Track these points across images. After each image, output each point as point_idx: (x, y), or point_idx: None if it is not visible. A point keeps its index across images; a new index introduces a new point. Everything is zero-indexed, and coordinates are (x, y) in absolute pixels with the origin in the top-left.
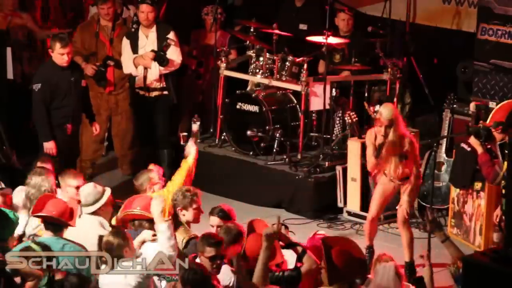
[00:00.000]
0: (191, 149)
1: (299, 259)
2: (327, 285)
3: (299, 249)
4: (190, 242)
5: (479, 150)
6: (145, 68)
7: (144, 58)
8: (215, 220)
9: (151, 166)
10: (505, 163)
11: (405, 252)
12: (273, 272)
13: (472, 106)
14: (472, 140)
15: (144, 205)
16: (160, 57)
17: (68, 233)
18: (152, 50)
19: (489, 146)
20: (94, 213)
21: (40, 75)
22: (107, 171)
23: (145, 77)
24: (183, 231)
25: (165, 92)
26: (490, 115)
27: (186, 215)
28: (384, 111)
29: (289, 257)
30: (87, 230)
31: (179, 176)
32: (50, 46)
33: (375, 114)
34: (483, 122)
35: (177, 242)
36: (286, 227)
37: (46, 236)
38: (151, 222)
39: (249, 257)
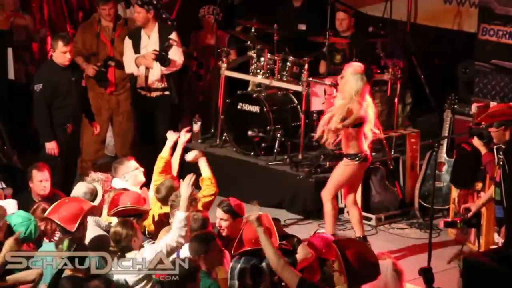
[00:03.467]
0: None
1: (294, 250)
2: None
3: (294, 239)
4: None
5: (483, 150)
6: (147, 68)
7: (146, 58)
8: (219, 213)
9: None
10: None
11: (356, 228)
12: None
13: (473, 107)
14: (475, 141)
15: (134, 199)
16: (162, 57)
17: None
18: (154, 50)
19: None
20: None
21: (41, 75)
22: (108, 171)
23: (146, 77)
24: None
25: (167, 92)
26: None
27: None
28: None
29: None
30: None
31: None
32: (52, 46)
33: None
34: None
35: (188, 236)
36: (278, 220)
37: None
38: (139, 216)
39: (244, 242)
